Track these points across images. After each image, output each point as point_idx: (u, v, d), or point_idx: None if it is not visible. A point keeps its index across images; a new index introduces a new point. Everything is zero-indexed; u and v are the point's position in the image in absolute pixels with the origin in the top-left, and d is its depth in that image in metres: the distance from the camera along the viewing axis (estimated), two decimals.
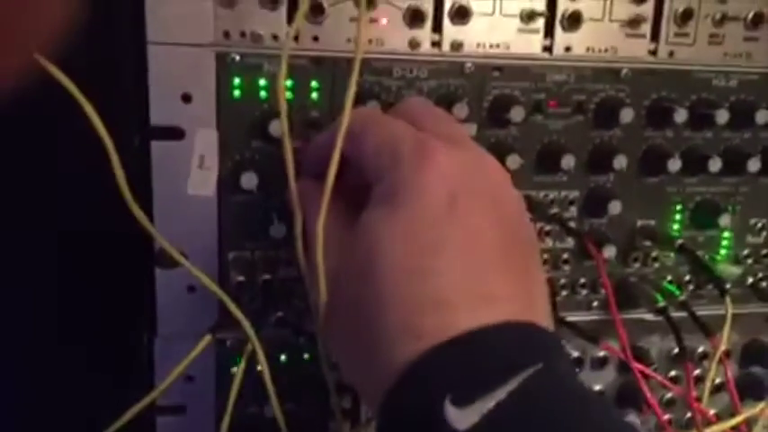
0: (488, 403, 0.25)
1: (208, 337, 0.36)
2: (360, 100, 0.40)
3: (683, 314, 0.47)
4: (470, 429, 0.25)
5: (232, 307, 0.35)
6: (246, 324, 0.35)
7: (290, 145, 0.35)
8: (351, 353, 0.33)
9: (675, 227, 0.49)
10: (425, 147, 0.31)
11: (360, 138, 0.33)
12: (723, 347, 0.43)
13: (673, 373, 0.51)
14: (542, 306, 0.32)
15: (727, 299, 0.44)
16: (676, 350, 0.49)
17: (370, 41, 0.41)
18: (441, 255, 0.29)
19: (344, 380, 0.44)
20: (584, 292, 0.48)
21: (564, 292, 0.48)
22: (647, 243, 0.48)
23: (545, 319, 0.31)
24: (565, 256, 0.48)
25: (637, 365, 0.42)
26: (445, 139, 0.32)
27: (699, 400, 0.44)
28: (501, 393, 0.26)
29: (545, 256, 0.47)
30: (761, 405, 0.45)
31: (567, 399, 0.27)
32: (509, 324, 0.28)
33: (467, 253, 0.30)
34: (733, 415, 0.45)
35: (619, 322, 0.42)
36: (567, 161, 0.44)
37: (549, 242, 0.47)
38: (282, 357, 0.44)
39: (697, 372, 0.51)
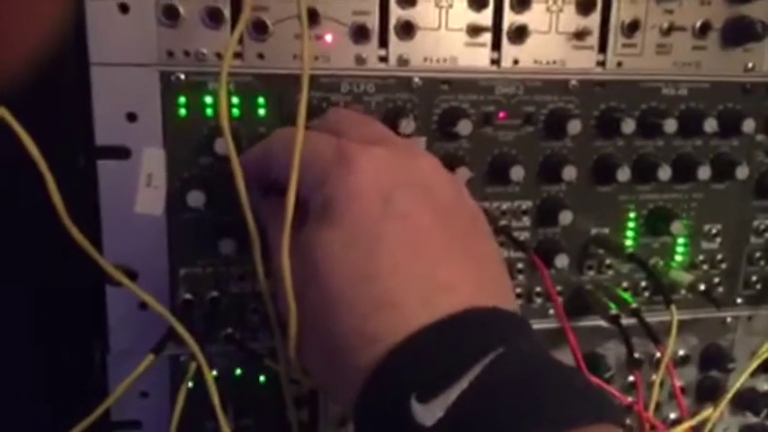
0: (451, 396, 0.26)
1: (151, 357, 0.36)
2: (307, 116, 0.41)
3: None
4: (437, 424, 0.26)
5: (177, 326, 0.35)
6: (192, 342, 0.36)
7: (238, 162, 0.35)
8: (317, 362, 0.33)
9: (630, 235, 0.50)
10: (348, 154, 0.31)
11: (285, 159, 0.33)
12: (669, 355, 0.43)
13: (631, 378, 0.52)
14: (498, 284, 0.32)
15: (673, 307, 0.45)
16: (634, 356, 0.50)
17: (316, 58, 0.41)
18: (383, 256, 0.30)
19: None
20: (540, 300, 0.49)
21: (519, 301, 0.48)
22: (601, 251, 0.49)
23: (504, 297, 0.31)
24: (519, 265, 0.48)
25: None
26: (367, 140, 0.33)
27: (648, 407, 0.44)
28: (463, 383, 0.26)
29: None
30: (709, 411, 0.46)
31: (530, 379, 0.27)
32: (465, 312, 0.29)
33: (409, 248, 0.30)
34: (675, 422, 0.45)
35: (568, 330, 0.42)
36: (517, 172, 0.44)
37: (503, 252, 0.47)
38: (238, 372, 0.45)
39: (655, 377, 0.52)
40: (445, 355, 0.27)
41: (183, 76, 0.39)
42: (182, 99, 0.40)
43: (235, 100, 0.41)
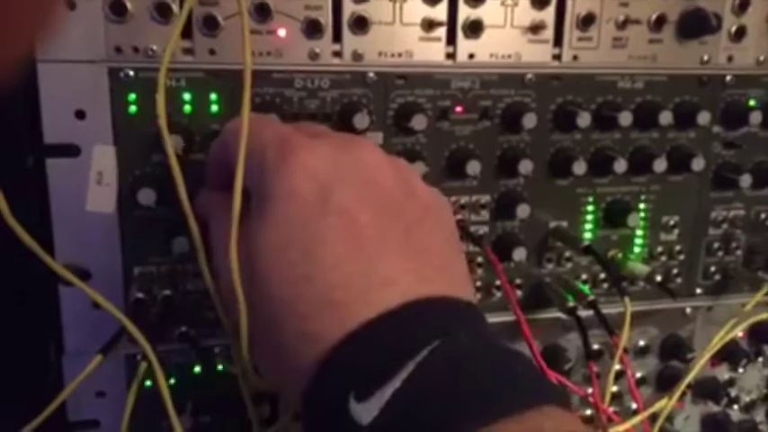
0: (386, 394, 0.26)
1: (99, 357, 0.36)
2: (261, 112, 0.41)
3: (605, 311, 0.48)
4: (372, 423, 0.26)
5: (128, 325, 0.35)
6: (143, 342, 0.35)
7: (176, 159, 0.35)
8: (266, 361, 0.33)
9: (588, 227, 0.50)
10: (288, 146, 0.31)
11: (233, 149, 0.33)
12: (623, 346, 0.43)
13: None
14: (446, 274, 0.31)
15: (626, 299, 0.45)
16: (594, 347, 0.51)
17: (269, 53, 0.41)
18: (320, 255, 0.29)
19: (270, 389, 0.44)
20: (499, 293, 0.49)
21: (479, 295, 0.49)
22: (560, 244, 0.49)
23: (452, 286, 0.31)
24: (479, 259, 0.48)
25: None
26: (310, 134, 0.32)
27: (603, 398, 0.45)
28: (396, 382, 0.26)
29: None
30: (664, 401, 0.46)
31: (464, 373, 0.27)
32: (403, 306, 0.28)
33: (347, 245, 0.29)
34: (636, 412, 0.45)
35: (524, 323, 0.42)
36: (473, 167, 0.44)
37: (463, 247, 0.47)
38: (196, 369, 0.45)
39: (618, 367, 0.52)
40: (380, 352, 0.27)
41: (132, 73, 0.39)
42: (131, 96, 0.39)
43: (186, 96, 0.40)
